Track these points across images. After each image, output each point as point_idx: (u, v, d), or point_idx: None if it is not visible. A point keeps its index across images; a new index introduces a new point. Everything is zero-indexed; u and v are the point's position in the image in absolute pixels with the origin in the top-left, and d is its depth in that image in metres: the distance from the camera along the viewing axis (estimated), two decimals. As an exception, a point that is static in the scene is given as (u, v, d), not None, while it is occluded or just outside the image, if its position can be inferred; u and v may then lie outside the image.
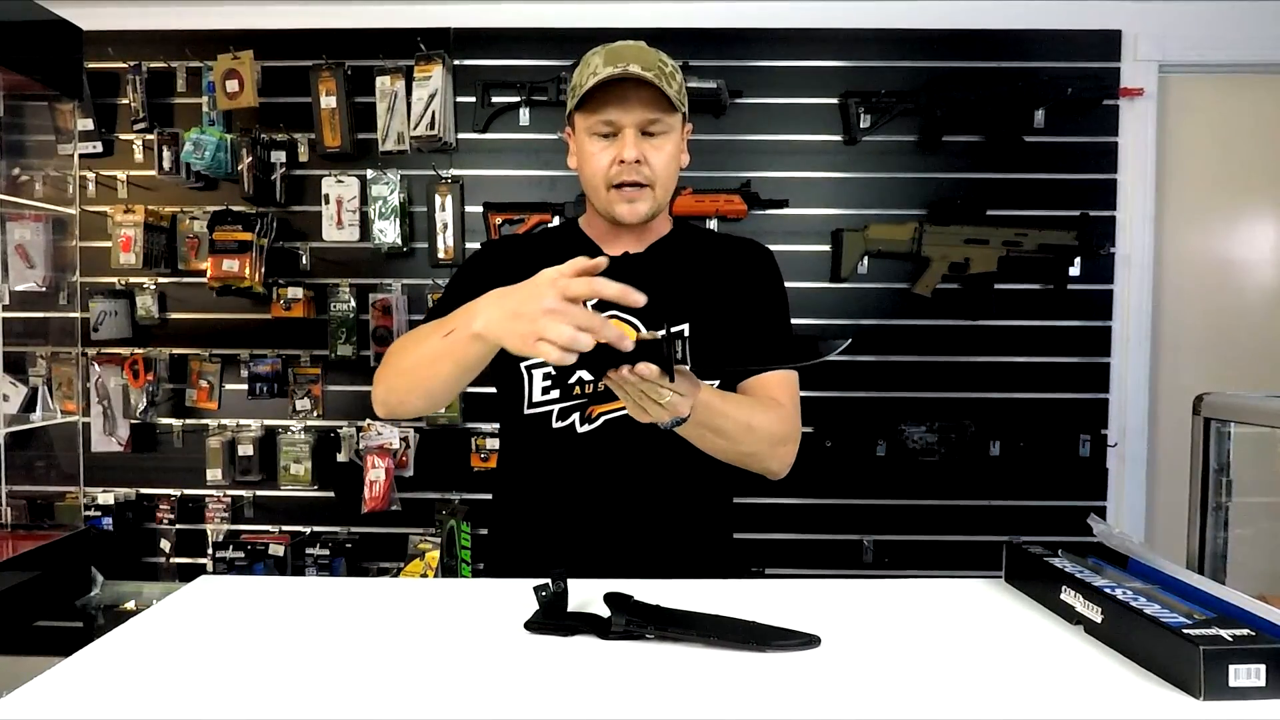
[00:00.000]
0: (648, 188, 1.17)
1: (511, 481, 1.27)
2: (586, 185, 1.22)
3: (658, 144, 1.17)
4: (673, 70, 1.17)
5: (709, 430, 1.07)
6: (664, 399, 0.94)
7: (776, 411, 1.17)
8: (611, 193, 1.18)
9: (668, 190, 1.22)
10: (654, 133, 1.17)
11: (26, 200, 2.35)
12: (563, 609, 0.89)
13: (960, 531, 2.53)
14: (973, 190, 2.50)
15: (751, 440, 1.12)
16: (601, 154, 1.17)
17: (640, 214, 1.19)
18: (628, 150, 1.15)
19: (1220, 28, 2.52)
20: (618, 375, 0.91)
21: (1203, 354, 2.64)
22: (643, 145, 1.16)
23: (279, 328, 2.54)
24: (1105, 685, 0.77)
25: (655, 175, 1.17)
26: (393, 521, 2.53)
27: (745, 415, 1.11)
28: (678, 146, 1.21)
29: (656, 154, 1.17)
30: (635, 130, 1.15)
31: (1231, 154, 2.62)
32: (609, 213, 1.20)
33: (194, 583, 1.05)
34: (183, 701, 0.74)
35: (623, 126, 1.15)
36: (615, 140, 1.17)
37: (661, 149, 1.17)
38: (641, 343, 0.91)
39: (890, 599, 1.01)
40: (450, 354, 1.00)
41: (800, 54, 2.50)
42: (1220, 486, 1.48)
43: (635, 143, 1.15)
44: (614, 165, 1.16)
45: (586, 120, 1.18)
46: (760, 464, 1.16)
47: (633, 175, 1.16)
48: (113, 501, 2.52)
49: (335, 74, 2.45)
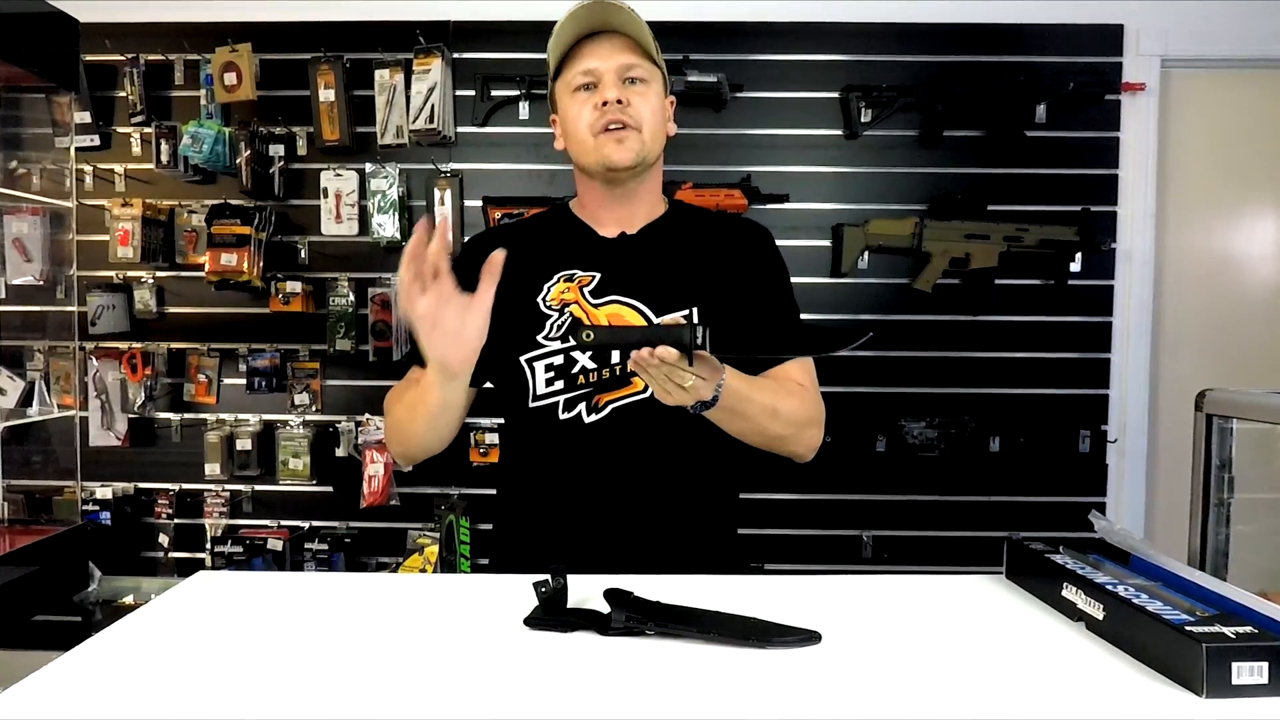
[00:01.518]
0: (634, 129, 1.16)
1: (517, 476, 1.26)
2: (575, 147, 1.20)
3: (639, 90, 1.17)
4: (644, 23, 1.17)
5: (736, 414, 1.07)
6: (687, 383, 0.95)
7: (800, 395, 1.17)
8: (599, 138, 1.16)
9: (656, 140, 1.20)
10: (634, 79, 1.17)
11: (23, 194, 2.34)
12: (562, 605, 0.89)
13: (960, 527, 2.53)
14: (973, 185, 2.49)
15: (778, 424, 1.12)
16: (584, 105, 1.17)
17: (629, 155, 1.16)
18: (609, 90, 1.15)
19: (1222, 23, 2.52)
20: (640, 357, 0.93)
21: (1203, 349, 2.63)
22: (625, 90, 1.16)
23: (277, 322, 2.53)
24: (1107, 683, 0.76)
25: (640, 118, 1.16)
26: (391, 516, 2.53)
27: (771, 399, 1.11)
28: (660, 99, 1.20)
29: (640, 99, 1.16)
30: (615, 75, 1.15)
31: (1233, 149, 2.62)
32: (599, 160, 1.17)
33: (192, 578, 1.04)
34: (181, 697, 0.73)
35: (602, 74, 1.16)
36: (596, 91, 1.16)
37: (644, 96, 1.17)
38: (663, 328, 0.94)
39: (891, 595, 1.01)
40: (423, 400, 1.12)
41: (801, 48, 2.50)
42: (1222, 483, 1.48)
43: (616, 85, 1.15)
44: (596, 111, 1.16)
45: (566, 78, 1.18)
46: (787, 447, 1.17)
47: (617, 114, 1.15)
48: (111, 496, 2.51)
49: (334, 67, 2.44)
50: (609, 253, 1.22)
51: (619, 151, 1.16)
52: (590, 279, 1.20)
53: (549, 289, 1.20)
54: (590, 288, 1.19)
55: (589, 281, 1.19)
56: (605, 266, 1.20)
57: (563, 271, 1.21)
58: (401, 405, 1.19)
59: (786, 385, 1.17)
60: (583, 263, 1.21)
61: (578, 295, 1.19)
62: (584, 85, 1.17)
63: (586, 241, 1.24)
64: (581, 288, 1.19)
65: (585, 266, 1.21)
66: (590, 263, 1.21)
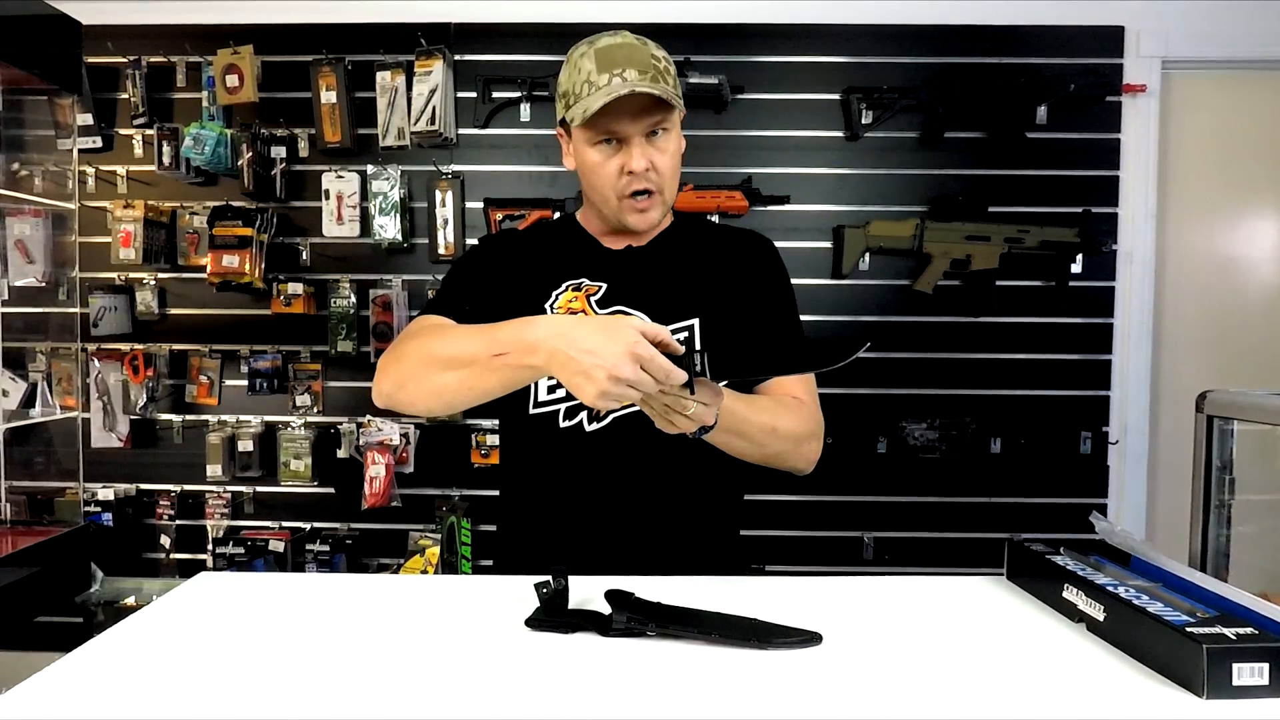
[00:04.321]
0: (657, 194, 1.16)
1: (517, 480, 1.26)
2: (593, 194, 1.19)
3: (661, 145, 1.15)
4: (666, 65, 1.13)
5: (735, 436, 1.07)
6: (689, 410, 0.94)
7: (798, 410, 1.17)
8: (623, 203, 1.16)
9: (674, 189, 1.21)
10: (656, 132, 1.14)
11: (26, 195, 2.34)
12: (564, 606, 0.89)
13: (961, 529, 2.52)
14: (974, 186, 2.49)
15: (776, 442, 1.12)
16: (607, 164, 1.14)
17: (652, 221, 1.18)
18: (636, 160, 1.12)
19: (1223, 24, 2.52)
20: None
21: (1204, 351, 2.63)
22: (648, 151, 1.13)
23: (279, 323, 2.53)
24: (1107, 684, 0.77)
25: (663, 179, 1.16)
26: (393, 518, 2.53)
27: (769, 418, 1.11)
28: (679, 141, 1.20)
29: (661, 156, 1.15)
30: (642, 138, 1.13)
31: (1234, 151, 2.62)
32: (620, 223, 1.19)
33: (194, 579, 1.04)
34: (183, 698, 0.74)
35: (629, 136, 1.12)
36: (619, 149, 1.14)
37: (665, 150, 1.16)
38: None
39: (891, 597, 1.01)
40: (496, 373, 0.98)
41: (802, 50, 2.50)
42: (1223, 484, 1.48)
43: (642, 152, 1.13)
44: (623, 176, 1.14)
45: (587, 133, 1.14)
46: (786, 463, 1.17)
47: (643, 184, 1.14)
48: (113, 497, 2.51)
49: (335, 69, 2.45)
50: (616, 264, 1.23)
51: (642, 220, 1.17)
52: (598, 289, 1.20)
53: (557, 297, 1.20)
54: (597, 297, 1.20)
55: (596, 291, 1.20)
56: (612, 277, 1.21)
57: (570, 281, 1.21)
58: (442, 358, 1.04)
59: (784, 401, 1.17)
60: (590, 272, 1.22)
61: (585, 305, 1.19)
62: (606, 139, 1.14)
63: (593, 252, 1.25)
64: (589, 297, 1.20)
65: (593, 276, 1.21)
66: (598, 273, 1.22)
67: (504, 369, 0.97)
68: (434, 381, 1.04)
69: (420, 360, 1.06)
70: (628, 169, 1.13)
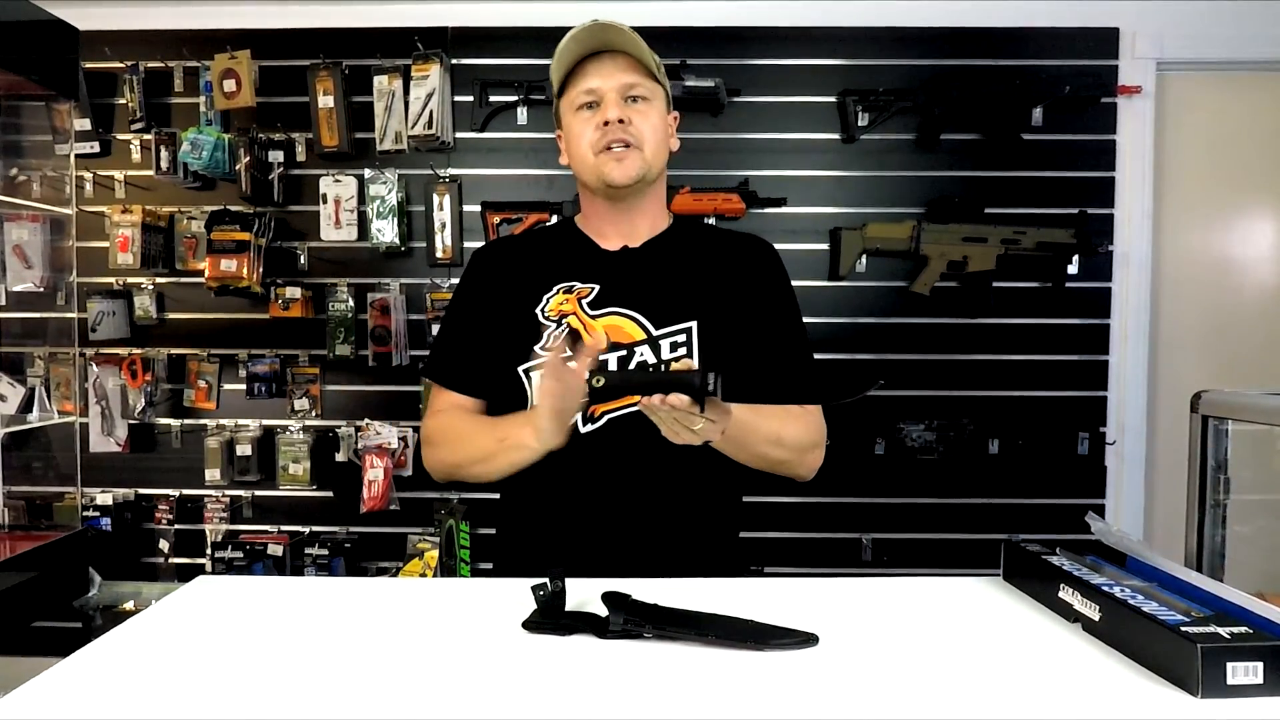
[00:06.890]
0: (635, 148, 1.18)
1: (515, 483, 1.26)
2: (577, 165, 1.22)
3: (641, 109, 1.19)
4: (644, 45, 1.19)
5: (741, 444, 1.10)
6: (696, 426, 0.97)
7: (804, 420, 1.19)
8: (600, 156, 1.18)
9: (658, 157, 1.21)
10: (636, 97, 1.18)
11: (24, 200, 2.34)
12: (561, 608, 0.89)
13: (959, 530, 2.53)
14: (971, 188, 2.50)
15: (781, 450, 1.15)
16: (586, 124, 1.19)
17: (630, 173, 1.18)
18: (610, 110, 1.16)
19: (1218, 25, 2.52)
20: (650, 403, 0.95)
21: (1201, 351, 2.64)
22: (626, 109, 1.17)
23: (277, 327, 2.53)
24: (1103, 683, 0.77)
25: (641, 136, 1.18)
26: (391, 521, 2.53)
27: (775, 427, 1.13)
28: (662, 117, 1.21)
29: (641, 118, 1.18)
30: (617, 94, 1.17)
31: (1229, 152, 2.62)
32: (600, 178, 1.19)
33: (192, 583, 1.05)
34: (181, 702, 0.74)
35: (604, 93, 1.17)
36: (598, 110, 1.18)
37: (645, 114, 1.18)
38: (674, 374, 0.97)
39: (888, 597, 1.01)
40: (506, 457, 1.16)
41: (798, 52, 2.50)
42: (1218, 484, 1.48)
43: (618, 104, 1.17)
44: (598, 130, 1.17)
45: (569, 96, 1.20)
46: (790, 471, 1.19)
47: (618, 134, 1.17)
48: (111, 502, 2.51)
49: (333, 73, 2.45)
50: (609, 265, 1.23)
51: (619, 170, 1.17)
52: (589, 291, 1.20)
53: (548, 300, 1.21)
54: (589, 299, 1.20)
55: (588, 293, 1.20)
56: (605, 278, 1.21)
57: (562, 283, 1.22)
58: (465, 453, 1.22)
59: (789, 410, 1.19)
60: (582, 275, 1.22)
61: (575, 307, 1.19)
62: (587, 104, 1.19)
63: (587, 254, 1.25)
64: (580, 299, 1.20)
65: (585, 278, 1.21)
66: (590, 275, 1.22)
67: (512, 451, 1.15)
68: (462, 473, 1.23)
69: (446, 456, 1.24)
70: (603, 120, 1.17)
